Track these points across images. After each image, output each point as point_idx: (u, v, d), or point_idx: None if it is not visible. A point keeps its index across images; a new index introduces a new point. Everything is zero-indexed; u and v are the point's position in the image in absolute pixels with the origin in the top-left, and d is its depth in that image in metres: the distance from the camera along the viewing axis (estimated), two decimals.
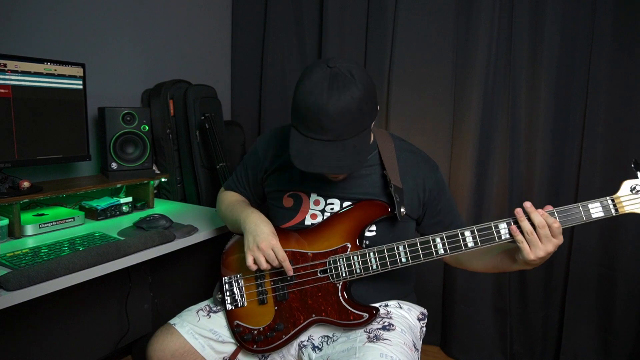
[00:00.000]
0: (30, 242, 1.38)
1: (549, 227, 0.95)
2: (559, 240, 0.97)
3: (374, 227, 1.18)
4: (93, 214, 1.65)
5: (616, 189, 0.98)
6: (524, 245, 0.97)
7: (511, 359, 2.06)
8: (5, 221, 1.40)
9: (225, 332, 1.23)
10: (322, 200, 1.21)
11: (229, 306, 1.23)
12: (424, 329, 1.27)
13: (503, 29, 1.91)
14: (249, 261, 1.11)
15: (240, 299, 1.22)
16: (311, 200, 1.22)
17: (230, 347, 1.23)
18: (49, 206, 1.64)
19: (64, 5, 1.78)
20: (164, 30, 2.22)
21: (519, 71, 1.92)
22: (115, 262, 1.25)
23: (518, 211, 0.98)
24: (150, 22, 2.15)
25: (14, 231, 1.42)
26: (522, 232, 0.97)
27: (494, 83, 1.95)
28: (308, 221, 1.22)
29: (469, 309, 2.08)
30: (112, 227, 1.55)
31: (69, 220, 1.54)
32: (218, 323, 1.24)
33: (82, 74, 1.66)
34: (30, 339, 1.52)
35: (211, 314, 1.26)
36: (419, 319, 1.25)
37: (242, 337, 1.19)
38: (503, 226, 1.01)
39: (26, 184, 1.48)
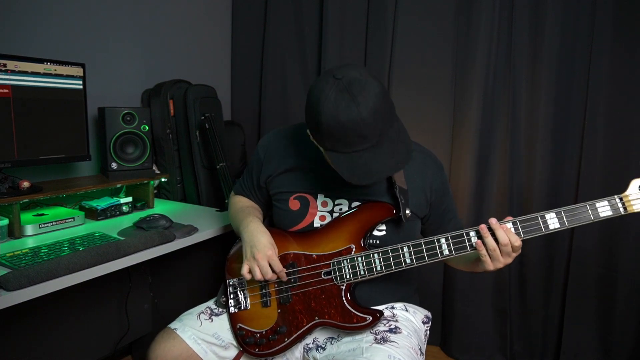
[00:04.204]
0: (30, 242, 1.38)
1: (511, 244, 0.99)
2: (517, 253, 1.02)
3: (383, 227, 1.17)
4: (93, 214, 1.65)
5: (617, 188, 0.97)
6: (486, 258, 1.02)
7: (511, 359, 2.06)
8: (5, 221, 1.40)
9: (228, 336, 1.21)
10: (329, 201, 1.20)
11: (232, 309, 1.22)
12: (428, 332, 1.26)
13: (503, 29, 1.91)
14: (244, 270, 1.11)
15: (244, 301, 1.21)
16: (318, 202, 1.21)
17: (233, 352, 1.22)
18: (49, 206, 1.64)
19: (64, 5, 1.78)
20: (164, 31, 2.22)
21: (519, 71, 1.92)
22: (115, 262, 1.25)
23: (482, 227, 1.01)
24: (150, 22, 2.15)
25: (14, 231, 1.42)
26: (485, 247, 1.01)
27: (494, 83, 1.95)
28: (317, 223, 1.20)
29: (469, 309, 2.08)
30: (112, 227, 1.55)
31: (69, 220, 1.54)
32: (221, 326, 1.22)
33: (82, 74, 1.66)
34: (30, 339, 1.52)
35: (213, 317, 1.24)
36: (424, 322, 1.24)
37: (244, 341, 1.17)
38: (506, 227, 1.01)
39: (26, 184, 1.48)
